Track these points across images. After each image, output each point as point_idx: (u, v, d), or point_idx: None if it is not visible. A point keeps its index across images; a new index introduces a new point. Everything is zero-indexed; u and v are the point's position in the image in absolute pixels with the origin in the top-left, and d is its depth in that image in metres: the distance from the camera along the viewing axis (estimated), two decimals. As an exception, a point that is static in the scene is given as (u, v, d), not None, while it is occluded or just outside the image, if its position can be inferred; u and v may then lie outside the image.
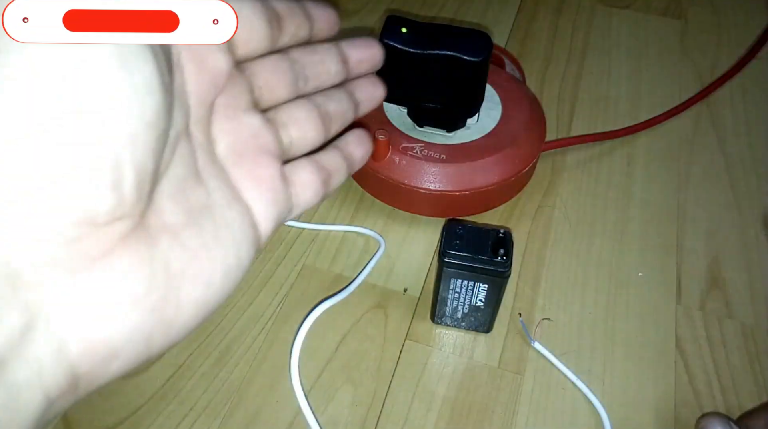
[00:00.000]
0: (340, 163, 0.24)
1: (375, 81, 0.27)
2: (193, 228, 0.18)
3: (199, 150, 0.19)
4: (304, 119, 0.23)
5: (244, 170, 0.20)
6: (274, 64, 0.22)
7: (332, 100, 0.25)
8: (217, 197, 0.19)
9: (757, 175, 0.50)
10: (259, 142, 0.21)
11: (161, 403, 0.37)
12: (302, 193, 0.22)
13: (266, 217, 0.21)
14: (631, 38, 0.62)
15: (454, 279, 0.36)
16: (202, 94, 0.19)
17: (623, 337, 0.40)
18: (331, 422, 0.36)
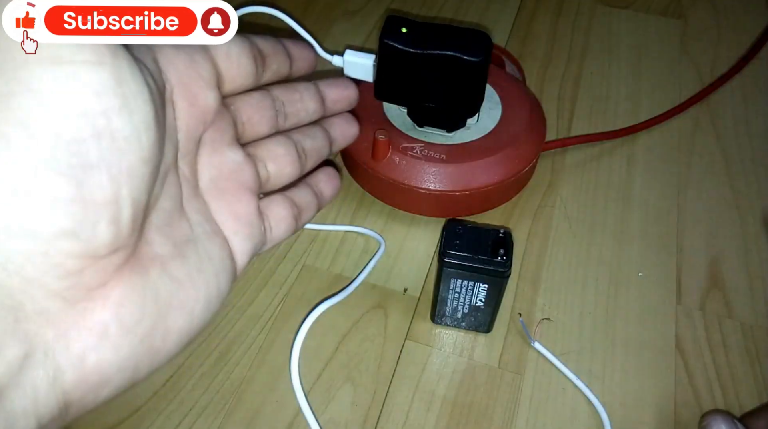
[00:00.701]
0: (310, 200, 0.26)
1: (349, 119, 0.28)
2: (179, 259, 0.19)
3: (185, 184, 0.20)
4: (282, 155, 0.24)
5: (224, 205, 0.21)
6: (257, 100, 0.23)
7: (309, 137, 0.26)
8: (199, 231, 0.20)
9: (757, 175, 0.50)
10: (240, 178, 0.22)
11: (161, 403, 0.37)
12: (275, 228, 0.24)
13: (242, 251, 0.21)
14: (631, 38, 0.62)
15: (454, 279, 0.36)
16: (191, 129, 0.20)
17: (623, 337, 0.40)
18: (331, 422, 0.36)
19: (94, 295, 0.16)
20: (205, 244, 0.20)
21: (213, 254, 0.20)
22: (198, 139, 0.20)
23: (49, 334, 0.15)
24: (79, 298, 0.16)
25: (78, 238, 0.15)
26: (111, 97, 0.15)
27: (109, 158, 0.15)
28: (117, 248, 0.16)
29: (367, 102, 0.47)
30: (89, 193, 0.15)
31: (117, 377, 0.17)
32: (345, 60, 0.43)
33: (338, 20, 0.63)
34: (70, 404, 0.16)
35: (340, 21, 0.63)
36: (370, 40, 0.61)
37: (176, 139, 0.19)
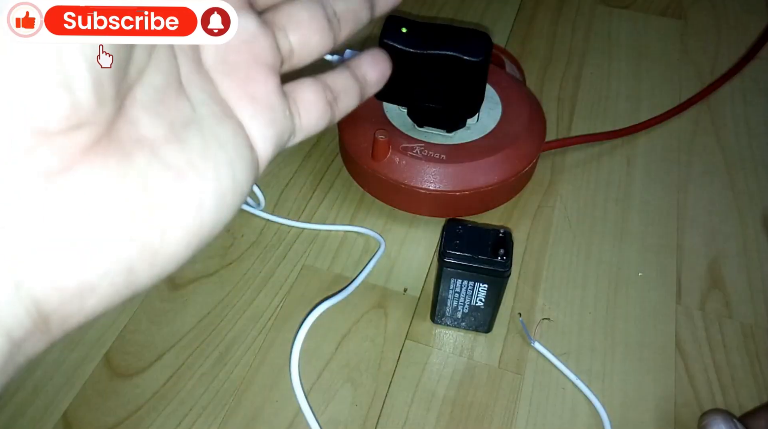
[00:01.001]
0: (350, 84, 0.22)
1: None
2: (176, 143, 0.16)
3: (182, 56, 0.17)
4: (306, 21, 0.20)
5: (235, 84, 0.18)
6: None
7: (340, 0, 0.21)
8: (204, 112, 0.17)
9: (757, 175, 0.50)
10: (254, 50, 0.18)
11: (161, 403, 0.37)
12: (305, 114, 0.20)
13: (264, 138, 0.18)
14: (631, 38, 0.62)
15: (454, 279, 0.36)
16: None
17: (623, 337, 0.40)
18: (331, 422, 0.36)
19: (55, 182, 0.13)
20: (212, 127, 0.17)
21: (223, 139, 0.17)
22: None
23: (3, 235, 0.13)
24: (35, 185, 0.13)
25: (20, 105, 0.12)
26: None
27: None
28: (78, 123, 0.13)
29: (367, 102, 0.47)
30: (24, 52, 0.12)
31: (104, 283, 0.14)
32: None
33: (338, 20, 0.63)
34: (47, 317, 0.14)
35: None
36: (370, 40, 0.61)
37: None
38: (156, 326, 0.40)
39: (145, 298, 0.41)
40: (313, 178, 0.49)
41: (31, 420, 0.36)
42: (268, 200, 0.47)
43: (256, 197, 0.46)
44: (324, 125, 0.21)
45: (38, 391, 0.37)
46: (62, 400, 0.37)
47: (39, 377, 0.38)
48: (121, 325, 0.40)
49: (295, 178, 0.49)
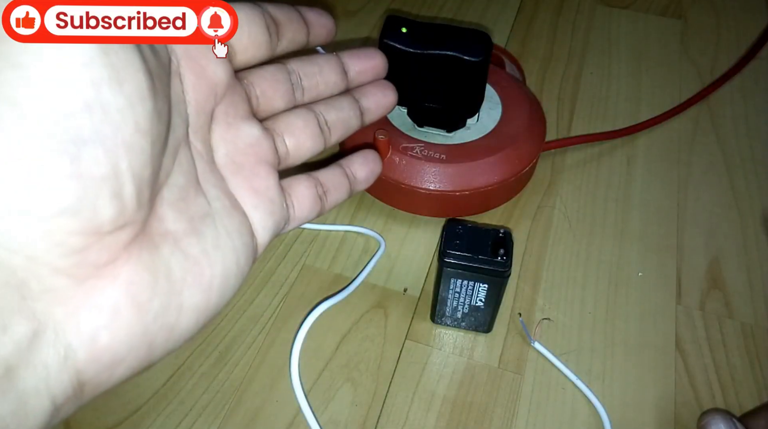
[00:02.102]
0: (340, 181, 0.25)
1: (385, 87, 0.26)
2: (194, 235, 0.18)
3: (199, 159, 0.19)
4: (301, 128, 0.23)
5: (242, 180, 0.21)
6: (271, 73, 0.23)
7: (334, 109, 0.25)
8: (217, 206, 0.19)
9: (757, 175, 0.50)
10: (257, 152, 0.21)
11: (161, 403, 0.37)
12: (298, 206, 0.23)
13: (264, 227, 0.21)
14: (631, 38, 0.62)
15: (454, 279, 0.36)
16: (201, 103, 0.19)
17: (623, 337, 0.40)
18: (331, 422, 0.36)
19: (102, 272, 0.16)
20: (223, 219, 0.19)
21: (231, 230, 0.20)
22: (210, 113, 0.20)
23: (58, 313, 0.15)
24: (87, 275, 0.16)
25: (79, 214, 0.15)
26: (98, 67, 0.14)
27: (103, 131, 0.15)
28: (123, 224, 0.16)
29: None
30: (86, 168, 0.14)
31: (131, 356, 0.17)
32: (345, 60, 0.43)
33: (338, 20, 0.63)
34: (84, 383, 0.16)
35: (340, 21, 0.63)
36: (370, 40, 0.61)
37: (186, 114, 0.19)
38: (156, 326, 0.40)
39: (145, 298, 0.41)
40: (313, 178, 0.49)
41: (31, 420, 0.36)
42: (268, 200, 0.47)
43: (256, 197, 0.46)
44: (315, 215, 0.24)
45: (38, 391, 0.37)
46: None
47: (39, 377, 0.38)
48: (121, 325, 0.40)
49: (295, 178, 0.49)
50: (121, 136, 0.15)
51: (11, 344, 0.14)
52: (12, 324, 0.14)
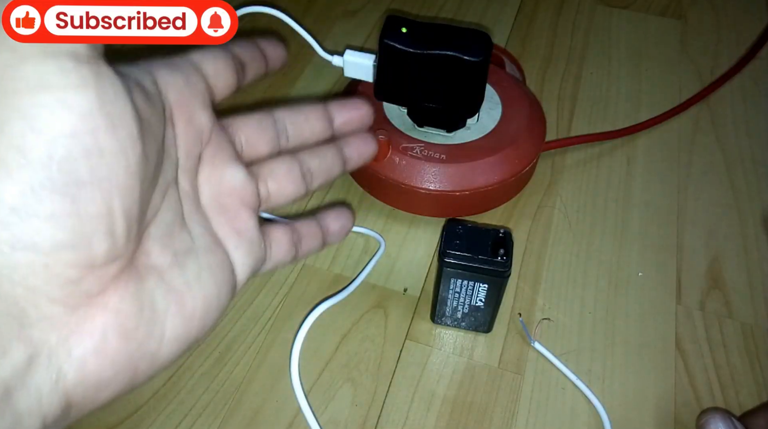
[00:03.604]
0: (314, 231, 0.26)
1: (366, 138, 0.28)
2: (178, 268, 0.20)
3: (186, 198, 0.21)
4: (283, 174, 0.25)
5: (225, 220, 0.22)
6: (257, 121, 0.24)
7: (317, 157, 0.26)
8: (200, 243, 0.21)
9: (757, 175, 0.50)
10: (240, 195, 0.23)
11: (161, 403, 0.37)
12: (275, 249, 0.24)
13: (243, 265, 0.22)
14: (631, 38, 0.62)
15: (454, 279, 0.36)
16: (189, 147, 0.21)
17: (623, 337, 0.40)
18: (331, 422, 0.36)
19: (93, 302, 0.17)
20: (205, 255, 0.21)
21: (213, 265, 0.21)
22: (197, 156, 0.21)
23: (52, 339, 0.16)
24: (80, 304, 0.17)
25: (76, 249, 0.16)
26: (96, 116, 0.16)
27: (99, 174, 0.16)
28: (113, 258, 0.17)
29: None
30: (83, 207, 0.16)
31: (116, 380, 0.18)
32: (345, 60, 0.43)
33: (338, 20, 0.63)
34: (71, 405, 0.17)
35: (340, 21, 0.63)
36: (370, 40, 0.61)
37: (176, 157, 0.20)
38: (156, 326, 0.40)
39: (145, 298, 0.41)
40: (313, 178, 0.49)
41: (31, 420, 0.36)
42: (268, 200, 0.47)
43: (256, 197, 0.46)
44: (290, 260, 0.25)
45: (38, 391, 0.37)
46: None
47: (39, 377, 0.38)
48: (121, 325, 0.40)
49: (295, 178, 0.49)
50: (114, 177, 0.16)
51: (9, 368, 0.15)
52: (11, 349, 0.15)
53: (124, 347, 0.18)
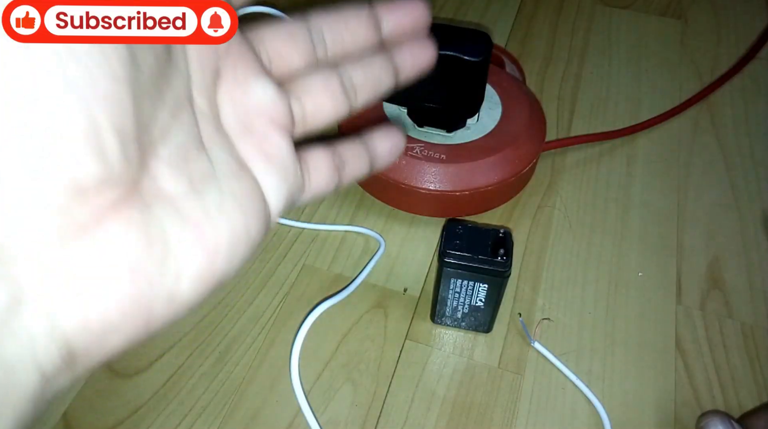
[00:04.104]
0: (359, 153, 0.23)
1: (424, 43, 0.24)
2: (195, 197, 0.17)
3: (203, 119, 0.18)
4: (321, 89, 0.21)
5: (252, 143, 0.19)
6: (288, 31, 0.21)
7: (361, 67, 0.22)
8: (222, 168, 0.18)
9: (757, 175, 0.50)
10: (269, 113, 0.19)
11: (161, 403, 0.37)
12: (314, 175, 0.21)
13: (276, 193, 0.19)
14: (631, 38, 0.62)
15: (454, 279, 0.36)
16: (203, 58, 0.18)
17: (623, 337, 0.40)
18: (331, 422, 0.36)
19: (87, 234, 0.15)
20: (229, 182, 0.18)
21: (239, 194, 0.18)
22: (214, 70, 0.19)
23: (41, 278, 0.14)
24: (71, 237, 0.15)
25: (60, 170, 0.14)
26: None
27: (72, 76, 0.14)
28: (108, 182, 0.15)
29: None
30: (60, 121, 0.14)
31: (126, 324, 0.16)
32: (345, 60, 0.43)
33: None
34: (74, 354, 0.15)
35: None
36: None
37: (186, 71, 0.18)
38: (156, 326, 0.40)
39: (145, 298, 0.41)
40: (313, 178, 0.49)
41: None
42: (268, 200, 0.47)
43: (256, 197, 0.46)
44: (332, 187, 0.22)
45: (38, 391, 0.37)
46: (62, 400, 0.37)
47: (39, 377, 0.38)
48: (121, 325, 0.40)
49: (295, 178, 0.49)
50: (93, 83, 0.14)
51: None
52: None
53: (131, 286, 0.15)
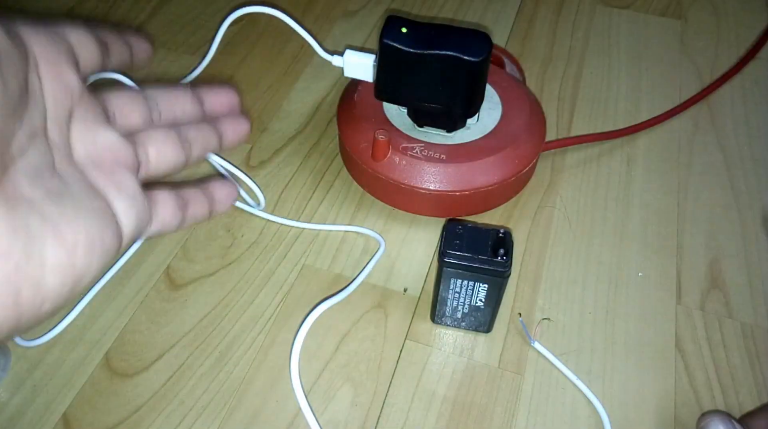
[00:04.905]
0: (199, 197, 0.26)
1: (239, 117, 0.28)
2: (53, 204, 0.19)
3: (56, 149, 0.20)
4: (162, 140, 0.24)
5: (103, 175, 0.22)
6: (128, 94, 0.24)
7: (194, 127, 0.26)
8: (76, 188, 0.20)
9: (757, 175, 0.50)
10: (116, 156, 0.22)
11: (161, 403, 0.37)
12: (161, 210, 0.24)
13: (126, 217, 0.21)
14: (631, 38, 0.62)
15: (454, 279, 0.36)
16: (58, 99, 0.20)
17: (623, 337, 0.40)
18: (331, 422, 0.36)
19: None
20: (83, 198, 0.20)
21: (93, 208, 0.20)
22: (68, 111, 0.21)
23: None
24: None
25: None
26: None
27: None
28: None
29: (367, 102, 0.47)
30: None
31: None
32: (345, 60, 0.43)
33: (338, 20, 0.63)
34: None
35: (340, 21, 0.63)
36: (370, 40, 0.61)
37: (43, 105, 0.20)
38: (156, 326, 0.40)
39: (145, 298, 0.41)
40: (313, 178, 0.49)
41: (31, 420, 0.36)
42: (268, 200, 0.47)
43: (256, 197, 0.46)
44: (176, 224, 0.25)
45: (38, 391, 0.37)
46: (62, 400, 0.37)
47: (39, 377, 0.38)
48: (121, 325, 0.40)
49: (295, 178, 0.49)
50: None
51: None
52: None
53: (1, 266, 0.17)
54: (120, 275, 0.43)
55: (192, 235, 0.45)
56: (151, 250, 0.44)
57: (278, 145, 0.51)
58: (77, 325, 0.40)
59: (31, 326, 0.19)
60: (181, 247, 0.44)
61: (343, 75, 0.44)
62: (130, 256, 0.44)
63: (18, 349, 0.39)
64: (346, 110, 0.48)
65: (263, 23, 0.62)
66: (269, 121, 0.53)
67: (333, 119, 0.53)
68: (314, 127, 0.53)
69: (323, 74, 0.57)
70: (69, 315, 0.40)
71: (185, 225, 0.26)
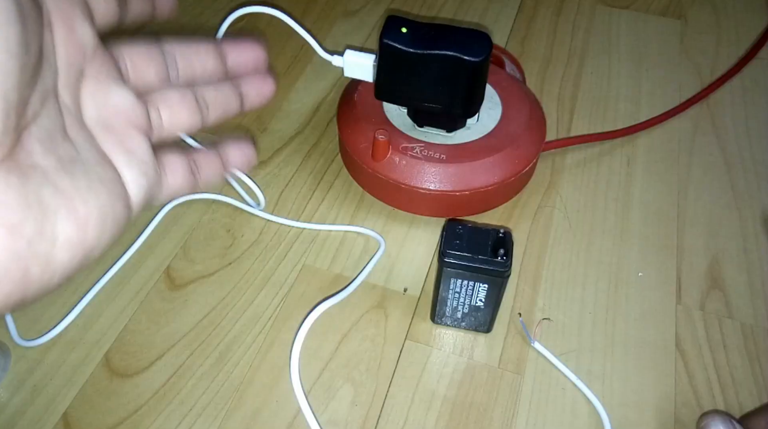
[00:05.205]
0: (212, 159, 0.25)
1: (264, 76, 0.27)
2: (65, 174, 0.18)
3: (67, 112, 0.20)
4: (177, 101, 0.23)
5: (112, 139, 0.21)
6: (145, 49, 0.23)
7: (213, 89, 0.25)
8: (86, 155, 0.19)
9: (757, 175, 0.50)
10: (129, 116, 0.21)
11: (161, 403, 0.37)
12: (172, 175, 0.23)
13: (136, 184, 0.21)
14: (631, 38, 0.62)
15: (454, 279, 0.36)
16: (71, 57, 0.19)
17: (623, 337, 0.40)
18: (331, 422, 0.36)
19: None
20: (93, 167, 0.19)
21: (103, 178, 0.20)
22: (79, 70, 0.20)
23: None
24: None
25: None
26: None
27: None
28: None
29: (367, 102, 0.47)
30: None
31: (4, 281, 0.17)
32: (345, 60, 0.43)
33: (338, 20, 0.63)
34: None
35: (340, 21, 0.63)
36: (370, 40, 0.61)
37: (55, 65, 0.19)
38: (156, 326, 0.40)
39: (145, 298, 0.41)
40: (313, 178, 0.49)
41: (31, 420, 0.36)
42: (268, 200, 0.47)
43: (256, 197, 0.46)
44: (188, 189, 0.24)
45: (38, 391, 0.37)
46: (62, 400, 0.37)
47: (39, 377, 0.38)
48: (121, 325, 0.40)
49: (295, 178, 0.49)
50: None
51: None
52: None
53: (11, 243, 0.16)
54: (120, 275, 0.43)
55: (192, 235, 0.45)
56: (151, 250, 0.44)
57: (278, 145, 0.51)
58: (77, 325, 0.40)
59: (37, 300, 0.18)
60: (181, 247, 0.44)
61: (343, 75, 0.44)
62: (130, 256, 0.44)
63: (18, 349, 0.39)
64: (346, 110, 0.48)
65: (263, 23, 0.62)
66: (269, 121, 0.53)
67: (333, 119, 0.53)
68: (314, 127, 0.53)
69: (323, 74, 0.57)
70: (69, 315, 0.40)
71: (198, 190, 0.25)
